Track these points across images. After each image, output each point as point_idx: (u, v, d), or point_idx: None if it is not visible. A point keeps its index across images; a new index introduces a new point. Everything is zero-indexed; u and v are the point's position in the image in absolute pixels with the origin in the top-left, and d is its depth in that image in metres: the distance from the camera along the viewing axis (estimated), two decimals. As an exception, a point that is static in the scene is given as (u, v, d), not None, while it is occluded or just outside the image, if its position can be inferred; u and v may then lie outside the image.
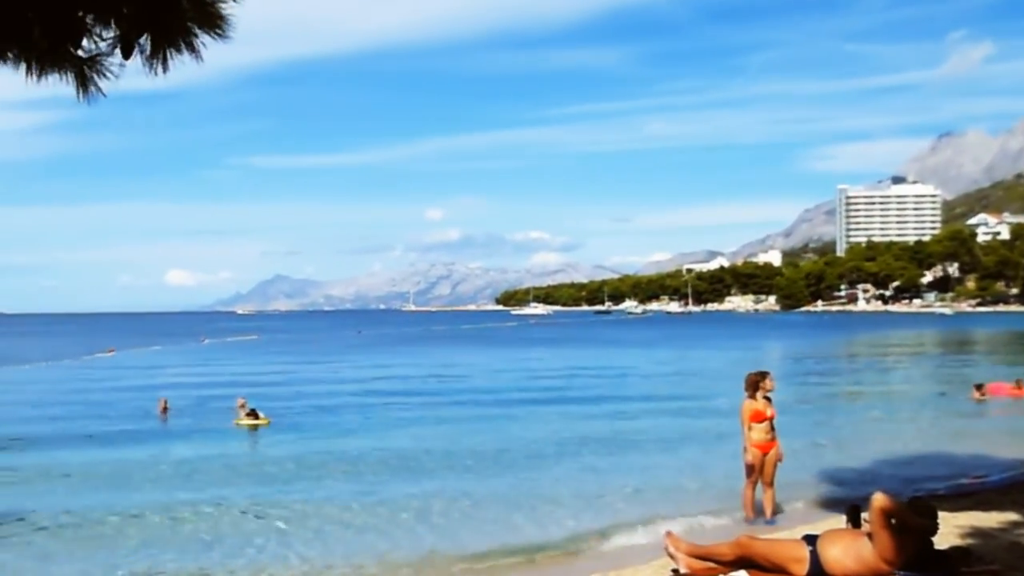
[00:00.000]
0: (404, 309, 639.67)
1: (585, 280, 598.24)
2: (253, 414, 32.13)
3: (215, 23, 5.01)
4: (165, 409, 35.37)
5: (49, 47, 5.04)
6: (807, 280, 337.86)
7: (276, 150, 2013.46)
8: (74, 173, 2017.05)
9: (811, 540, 9.84)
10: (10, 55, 5.05)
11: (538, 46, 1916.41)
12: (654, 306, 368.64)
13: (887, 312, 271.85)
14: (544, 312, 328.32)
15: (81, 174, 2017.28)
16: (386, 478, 21.84)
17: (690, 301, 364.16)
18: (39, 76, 5.18)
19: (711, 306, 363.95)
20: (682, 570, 10.35)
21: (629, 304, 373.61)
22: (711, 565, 10.20)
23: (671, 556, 10.53)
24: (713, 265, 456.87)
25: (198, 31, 5.03)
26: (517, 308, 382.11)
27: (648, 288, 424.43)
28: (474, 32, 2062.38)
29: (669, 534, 10.86)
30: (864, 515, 9.78)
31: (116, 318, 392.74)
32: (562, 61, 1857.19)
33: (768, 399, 16.45)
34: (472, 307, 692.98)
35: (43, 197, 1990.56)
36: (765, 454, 16.38)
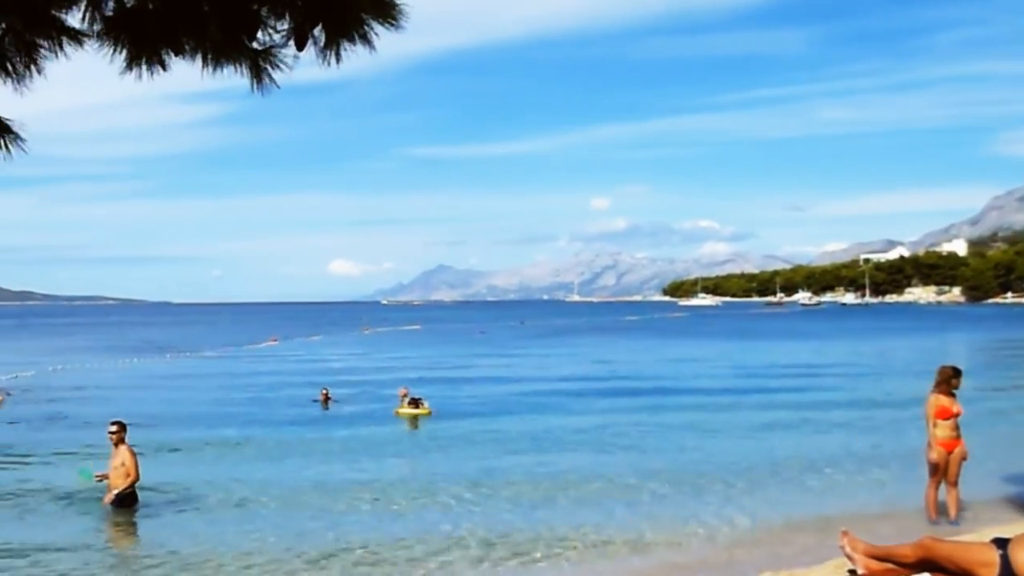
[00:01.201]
0: (568, 300, 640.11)
1: (755, 271, 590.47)
2: (415, 403, 32.69)
3: (389, 13, 5.12)
4: (327, 399, 36.24)
5: (224, 39, 5.24)
6: (996, 271, 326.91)
7: (441, 140, 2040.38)
8: (239, 165, 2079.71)
9: (1001, 543, 9.54)
10: (187, 48, 5.27)
11: (709, 31, 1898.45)
12: (828, 297, 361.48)
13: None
14: (712, 303, 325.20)
15: (246, 166, 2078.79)
16: (559, 472, 21.97)
17: (867, 292, 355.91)
18: (214, 68, 5.39)
19: (889, 297, 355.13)
20: (860, 571, 10.14)
21: (802, 295, 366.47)
22: (891, 567, 9.97)
23: (848, 557, 10.33)
24: (892, 255, 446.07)
25: (372, 21, 5.15)
26: (684, 299, 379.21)
27: (822, 279, 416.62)
28: (643, 18, 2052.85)
29: (845, 533, 10.62)
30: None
31: (279, 308, 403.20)
32: (734, 45, 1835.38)
33: (953, 395, 16.03)
34: (638, 298, 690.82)
35: (209, 189, 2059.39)
36: (950, 452, 15.97)
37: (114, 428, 18.47)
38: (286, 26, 5.28)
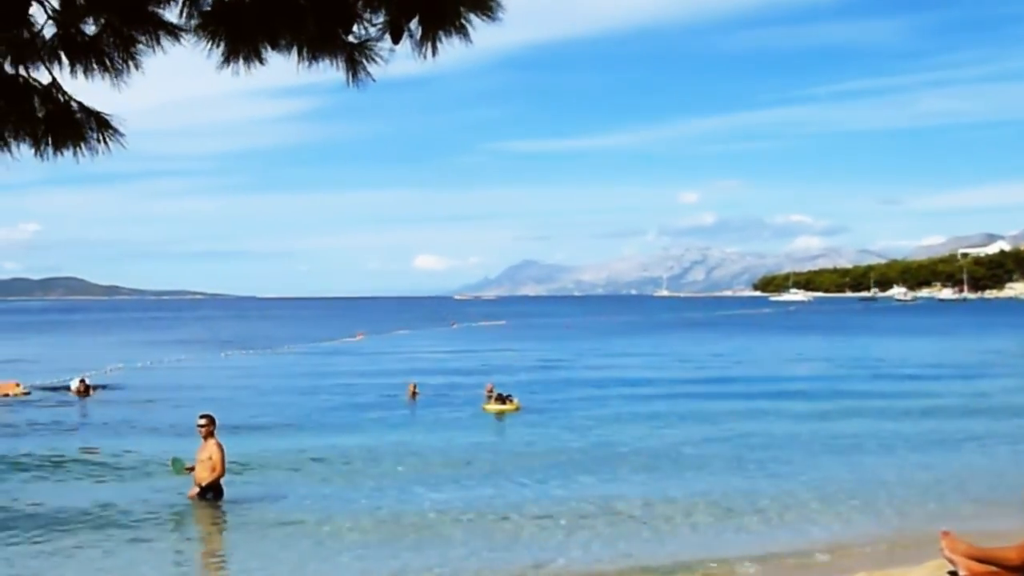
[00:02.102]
0: (656, 295, 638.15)
1: (849, 265, 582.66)
2: (501, 399, 32.78)
3: (486, 5, 5.13)
4: (414, 394, 36.49)
5: (320, 33, 5.30)
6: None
7: (528, 134, 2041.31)
8: (326, 160, 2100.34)
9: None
10: (283, 41, 5.34)
11: (802, 21, 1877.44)
12: (924, 293, 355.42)
13: None
14: (804, 298, 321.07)
15: (333, 161, 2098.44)
16: (640, 472, 21.94)
17: (965, 287, 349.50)
18: (310, 62, 5.46)
19: (989, 293, 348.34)
20: (961, 573, 9.97)
21: (897, 291, 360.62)
22: (994, 569, 9.80)
23: (948, 559, 10.16)
24: (992, 249, 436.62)
25: (469, 14, 5.17)
26: (775, 294, 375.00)
27: (918, 273, 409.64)
28: (735, 8, 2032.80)
29: (945, 534, 10.41)
30: None
31: (365, 302, 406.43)
32: (830, 36, 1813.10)
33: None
34: (727, 293, 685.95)
35: (296, 184, 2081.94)
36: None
37: (203, 421, 18.74)
38: (382, 19, 5.33)
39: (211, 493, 18.29)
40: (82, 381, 39.27)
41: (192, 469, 18.71)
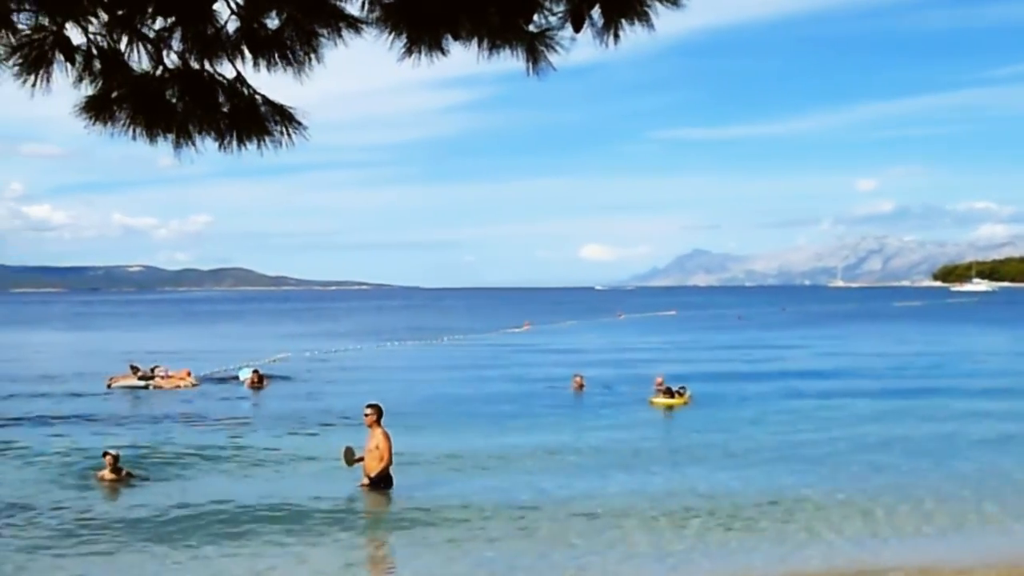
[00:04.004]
0: (831, 285, 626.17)
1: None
2: (671, 393, 32.52)
3: (671, -9, 5.13)
4: (581, 386, 36.54)
5: (501, 23, 5.37)
6: None
7: (697, 122, 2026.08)
8: (492, 151, 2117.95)
9: None
10: (463, 32, 5.42)
11: (984, 0, 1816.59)
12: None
13: None
14: (987, 289, 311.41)
15: (498, 152, 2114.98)
16: (816, 469, 21.56)
17: None
18: (490, 52, 5.53)
19: None
20: None
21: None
22: None
23: None
24: None
25: (653, 1, 5.17)
26: (957, 284, 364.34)
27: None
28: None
29: None
30: None
31: (532, 292, 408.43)
32: (1010, 16, 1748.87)
33: None
34: (906, 283, 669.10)
35: (462, 175, 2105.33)
36: None
37: (369, 411, 19.10)
38: (563, 8, 5.37)
39: (382, 483, 18.64)
40: (255, 372, 40.29)
41: (362, 459, 19.10)
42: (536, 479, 20.22)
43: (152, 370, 39.29)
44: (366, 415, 19.08)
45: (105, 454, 20.22)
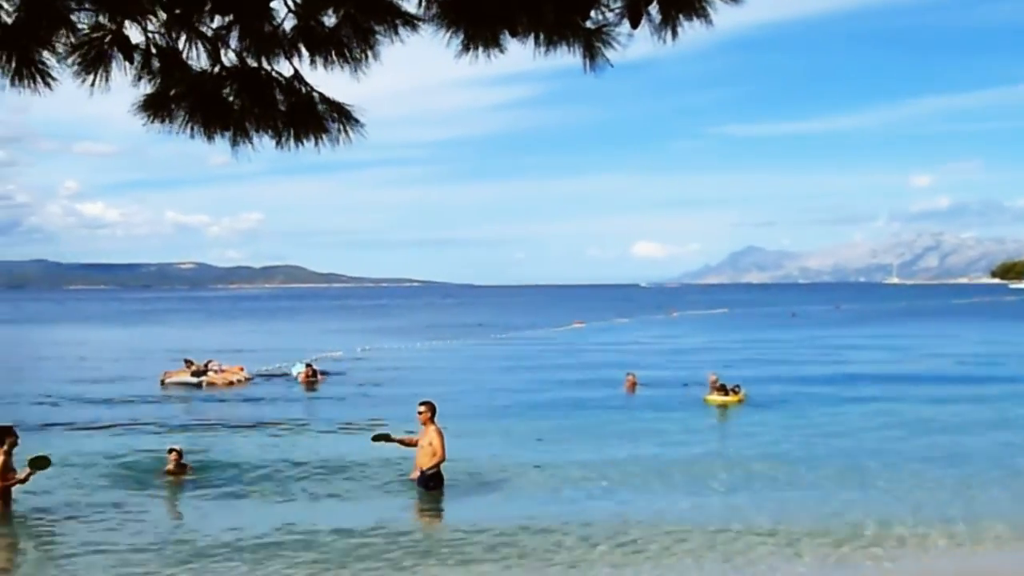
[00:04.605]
0: (886, 282, 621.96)
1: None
2: (725, 390, 32.38)
3: (731, -14, 5.12)
4: (633, 385, 36.45)
5: (558, 19, 5.38)
6: None
7: (750, 118, 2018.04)
8: (542, 147, 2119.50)
9: None
10: (520, 28, 5.43)
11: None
12: None
13: None
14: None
15: (549, 148, 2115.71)
16: (879, 479, 21.14)
17: None
18: (546, 49, 5.54)
19: None
20: None
21: None
22: None
23: None
24: None
25: (713, -5, 5.17)
26: (1016, 281, 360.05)
27: None
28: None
29: None
30: None
31: (583, 290, 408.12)
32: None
33: None
34: (963, 280, 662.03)
35: (512, 172, 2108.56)
36: None
37: (422, 408, 19.17)
38: (620, 4, 5.37)
39: (432, 481, 18.67)
40: (308, 366, 40.57)
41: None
42: (584, 482, 20.01)
43: (206, 365, 39.67)
44: (419, 412, 19.14)
45: (171, 451, 20.48)
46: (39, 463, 17.49)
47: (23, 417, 27.78)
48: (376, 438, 20.05)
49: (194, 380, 38.20)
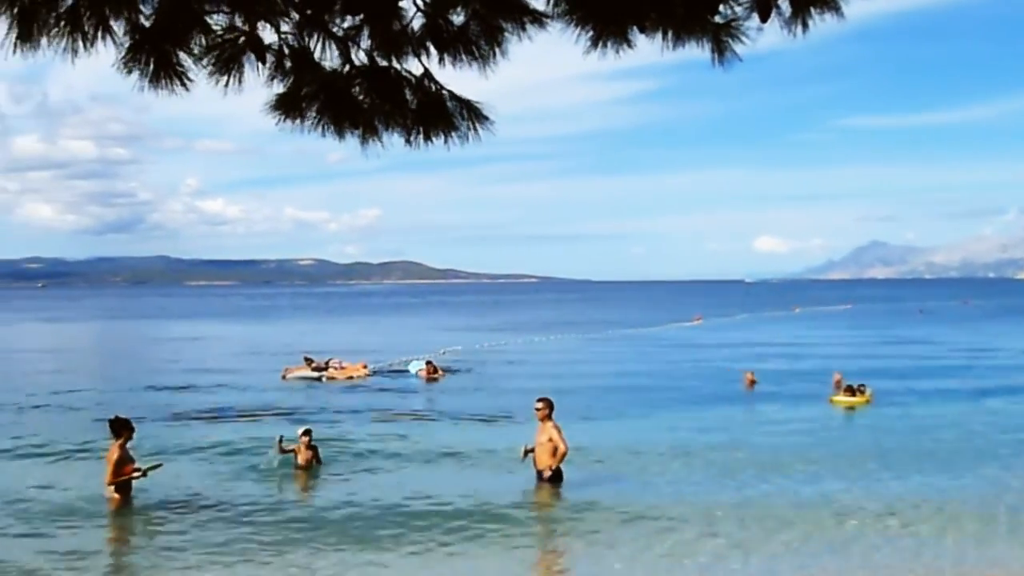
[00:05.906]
0: (1017, 277, 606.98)
1: None
2: (851, 390, 31.75)
3: (864, -21, 5.10)
4: (752, 383, 36.10)
5: (687, 15, 5.40)
6: None
7: (875, 110, 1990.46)
8: (662, 142, 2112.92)
9: None
10: (649, 24, 5.47)
11: None
12: None
13: None
14: None
15: (669, 143, 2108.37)
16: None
17: None
18: (674, 44, 5.57)
19: None
20: None
21: None
22: None
23: None
24: None
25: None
26: None
27: None
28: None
29: None
30: None
31: (703, 285, 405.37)
32: None
33: None
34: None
35: (631, 167, 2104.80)
36: None
37: (540, 405, 19.22)
38: (750, -2, 5.38)
39: (553, 476, 18.72)
40: (429, 363, 40.96)
41: (529, 451, 19.28)
42: (707, 480, 19.88)
43: (326, 363, 40.29)
44: (537, 409, 19.19)
45: (305, 432, 20.87)
46: (153, 468, 18.11)
47: (148, 410, 28.73)
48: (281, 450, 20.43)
49: (315, 375, 38.90)
